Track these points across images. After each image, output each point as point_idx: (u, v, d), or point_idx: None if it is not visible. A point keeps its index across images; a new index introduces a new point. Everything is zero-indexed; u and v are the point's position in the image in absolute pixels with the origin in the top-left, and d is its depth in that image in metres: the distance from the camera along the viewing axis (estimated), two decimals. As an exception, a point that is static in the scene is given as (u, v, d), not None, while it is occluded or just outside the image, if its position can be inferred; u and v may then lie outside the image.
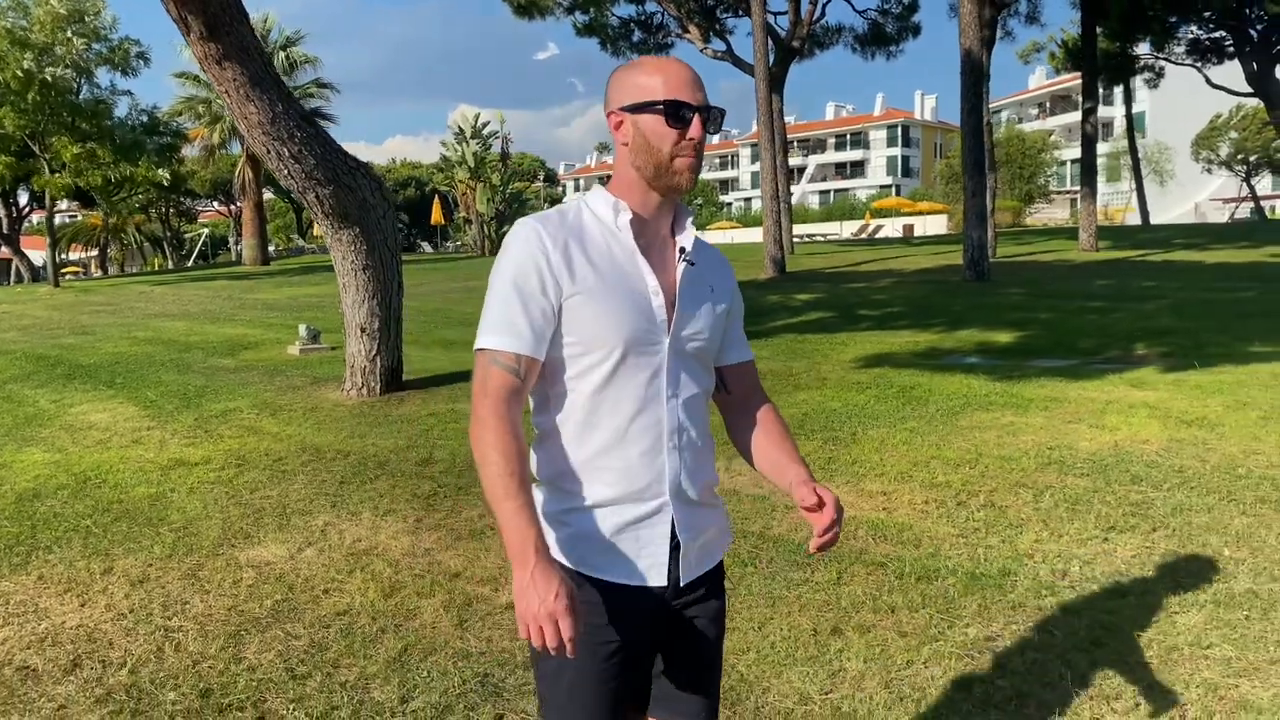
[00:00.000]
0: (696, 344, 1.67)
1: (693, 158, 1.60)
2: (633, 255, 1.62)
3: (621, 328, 1.57)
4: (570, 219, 1.64)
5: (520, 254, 1.58)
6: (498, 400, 1.55)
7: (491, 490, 1.52)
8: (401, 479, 5.74)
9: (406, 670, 3.37)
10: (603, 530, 1.62)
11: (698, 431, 1.68)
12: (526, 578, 1.46)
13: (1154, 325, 10.29)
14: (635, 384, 1.60)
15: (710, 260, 1.75)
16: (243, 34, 7.00)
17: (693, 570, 1.69)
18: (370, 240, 7.83)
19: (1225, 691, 2.94)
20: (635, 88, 1.60)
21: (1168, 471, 5.08)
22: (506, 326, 1.56)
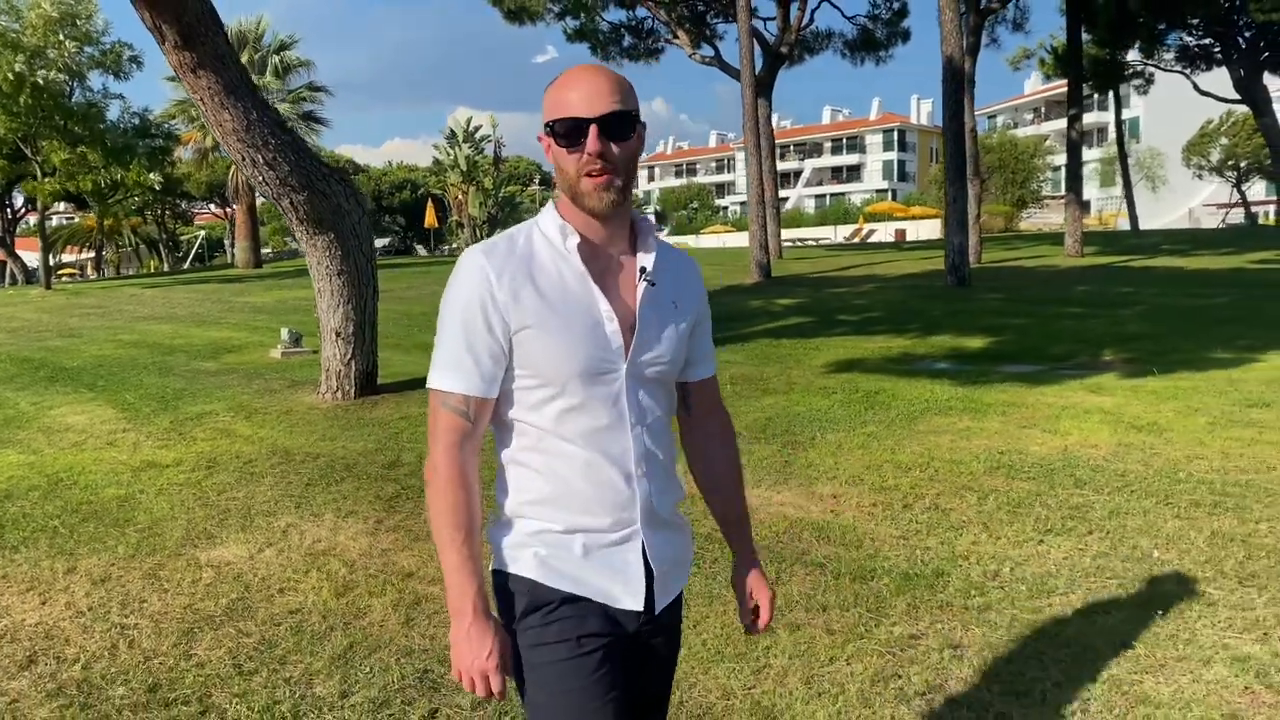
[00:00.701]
0: (657, 368, 1.62)
1: (602, 176, 1.51)
2: (583, 279, 1.56)
3: (574, 359, 1.53)
4: (520, 245, 1.58)
5: (465, 291, 1.54)
6: (449, 446, 1.55)
7: (438, 539, 1.54)
8: (366, 481, 5.84)
9: (350, 666, 3.47)
10: (571, 554, 1.59)
11: (664, 454, 1.65)
12: (462, 632, 1.52)
13: (1124, 331, 10.42)
14: (596, 414, 1.56)
15: (676, 271, 1.69)
16: (217, 43, 7.11)
17: (665, 595, 1.67)
18: (345, 246, 7.94)
19: (1129, 687, 3.05)
20: (547, 105, 1.55)
21: (1111, 476, 5.20)
22: (456, 365, 1.54)
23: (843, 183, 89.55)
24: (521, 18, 23.46)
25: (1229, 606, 3.59)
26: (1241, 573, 3.90)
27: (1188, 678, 3.09)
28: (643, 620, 1.64)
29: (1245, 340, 9.35)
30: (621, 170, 1.53)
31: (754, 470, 5.51)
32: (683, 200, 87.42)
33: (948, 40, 15.71)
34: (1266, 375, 7.62)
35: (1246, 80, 28.85)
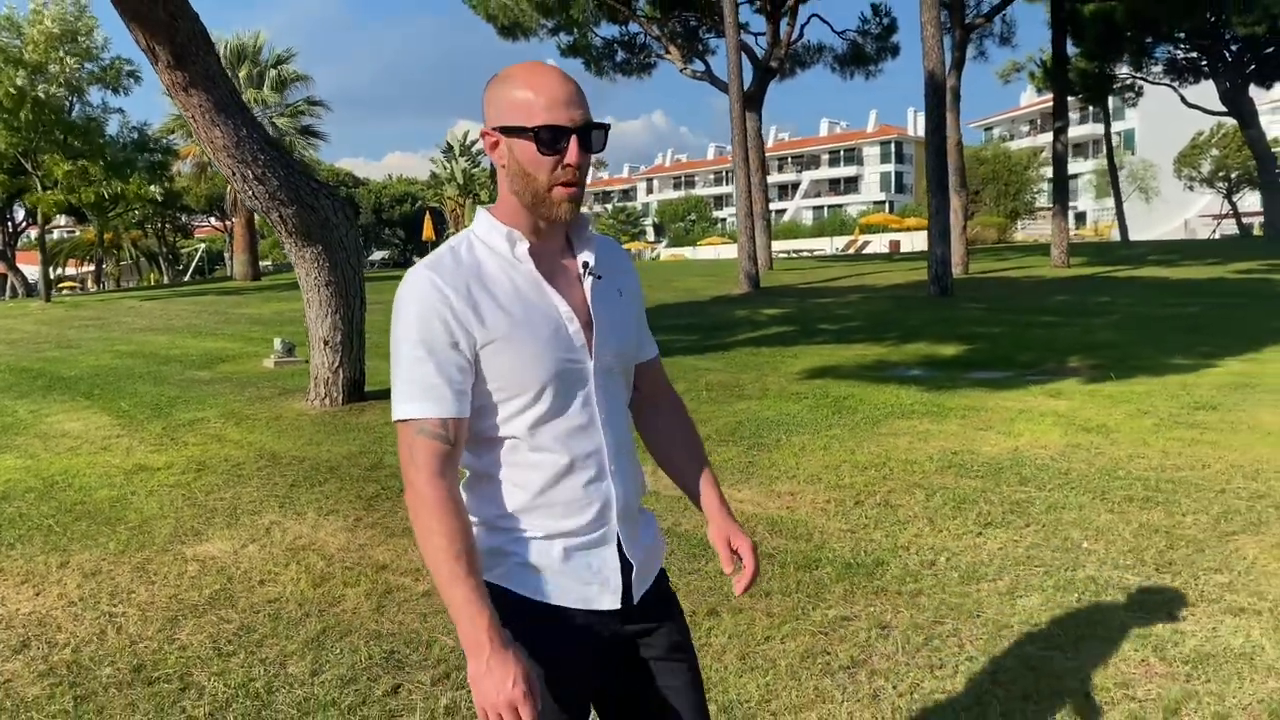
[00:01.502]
0: (619, 360, 1.62)
1: (574, 187, 1.50)
2: (538, 285, 1.53)
3: (543, 366, 1.50)
4: (464, 258, 1.52)
5: (421, 310, 1.47)
6: (432, 473, 1.46)
7: (437, 573, 1.45)
8: (349, 482, 6.10)
9: (322, 648, 3.72)
10: (552, 559, 1.56)
11: (629, 446, 1.64)
12: (482, 667, 1.42)
13: (1094, 339, 10.70)
14: (567, 416, 1.53)
15: (610, 260, 1.67)
16: (208, 63, 7.40)
17: (642, 585, 1.65)
18: (333, 257, 8.22)
19: (1037, 662, 3.30)
20: (509, 105, 1.49)
21: (1054, 473, 5.46)
22: (425, 391, 1.47)
23: (840, 194, 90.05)
24: (515, 34, 23.83)
25: (1142, 590, 3.85)
26: (1160, 561, 4.15)
27: (1092, 653, 3.35)
28: (621, 617, 1.61)
29: (1207, 347, 9.63)
30: (583, 182, 1.53)
31: (719, 470, 5.76)
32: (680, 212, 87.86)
33: (929, 55, 16.04)
34: (1219, 380, 7.90)
35: (1233, 92, 29.26)
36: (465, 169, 35.07)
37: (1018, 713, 2.98)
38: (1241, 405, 6.90)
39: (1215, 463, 5.52)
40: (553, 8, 22.55)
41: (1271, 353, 9.21)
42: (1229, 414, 6.66)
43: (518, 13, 22.84)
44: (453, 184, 35.02)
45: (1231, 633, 3.45)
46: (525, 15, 23.03)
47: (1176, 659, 3.27)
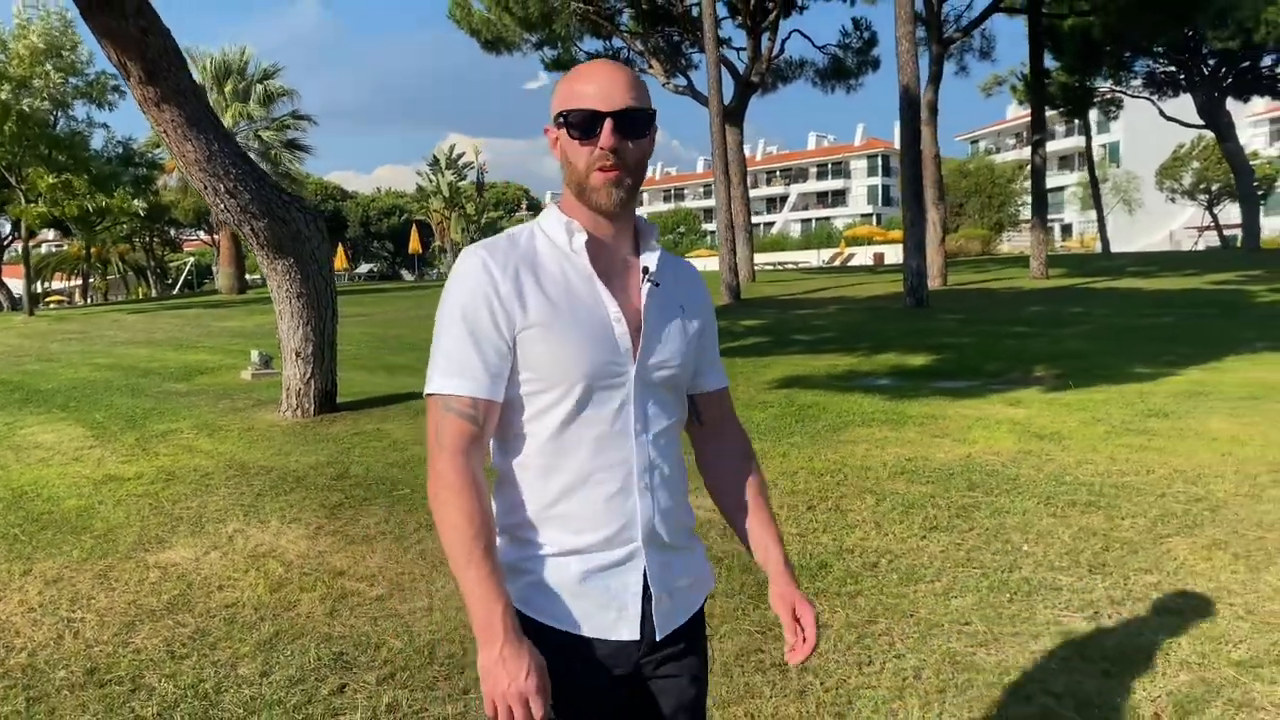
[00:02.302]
0: (666, 372, 1.54)
1: (613, 171, 1.46)
2: (590, 280, 1.50)
3: (581, 361, 1.45)
4: (521, 244, 1.52)
5: (468, 287, 1.46)
6: (455, 453, 1.43)
7: (453, 556, 1.41)
8: (314, 491, 6.18)
9: (273, 651, 3.81)
10: (568, 579, 1.49)
11: (671, 469, 1.56)
12: (495, 655, 1.36)
13: (1062, 349, 10.86)
14: (599, 420, 1.48)
15: (681, 276, 1.63)
16: (180, 78, 7.50)
17: (668, 622, 1.56)
18: (304, 270, 8.31)
19: (961, 658, 3.41)
20: (560, 98, 1.49)
21: (1003, 479, 5.58)
22: (459, 368, 1.44)
23: (828, 207, 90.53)
24: (499, 48, 24.02)
25: (1072, 591, 3.97)
26: (1094, 562, 4.27)
27: (1015, 649, 3.46)
28: (642, 651, 1.54)
29: (1170, 356, 9.79)
30: (632, 169, 1.49)
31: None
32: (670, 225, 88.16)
33: (904, 70, 16.25)
34: (1175, 388, 8.04)
35: (1210, 106, 29.60)
36: (451, 182, 35.21)
37: (935, 705, 3.09)
38: (1193, 413, 7.05)
39: (1159, 468, 5.65)
40: (535, 23, 22.74)
41: (1232, 362, 9.38)
42: (1179, 421, 6.80)
43: (500, 28, 23.03)
44: (438, 197, 35.15)
45: (1153, 630, 3.57)
46: (508, 30, 23.21)
47: (1096, 655, 3.38)
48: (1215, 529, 4.61)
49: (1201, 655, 3.34)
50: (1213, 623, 3.60)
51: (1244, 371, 8.77)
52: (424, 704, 3.32)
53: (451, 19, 23.88)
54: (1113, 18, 21.35)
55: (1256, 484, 5.26)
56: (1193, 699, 3.05)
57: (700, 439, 1.76)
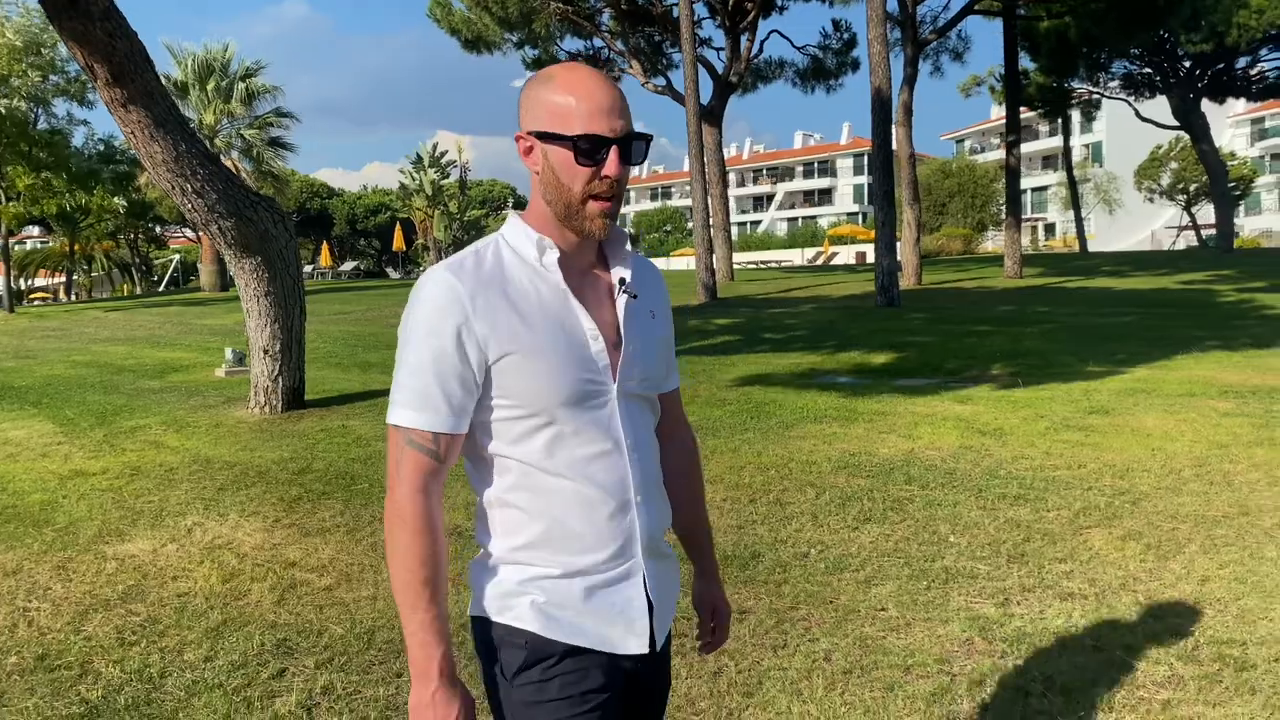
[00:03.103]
0: (645, 384, 1.54)
1: (609, 202, 1.42)
2: (564, 298, 1.45)
3: (561, 384, 1.41)
4: (488, 263, 1.45)
5: (434, 315, 1.39)
6: (414, 490, 1.41)
7: (401, 595, 1.40)
8: (274, 486, 6.32)
9: (220, 637, 3.96)
10: (573, 598, 1.47)
11: (657, 476, 1.57)
12: (426, 697, 1.38)
13: (1021, 348, 11.07)
14: (588, 441, 1.45)
15: (647, 282, 1.60)
16: (147, 80, 7.62)
17: (663, 628, 1.58)
18: (272, 269, 8.45)
19: (872, 641, 3.59)
20: (547, 110, 1.40)
21: (940, 473, 5.77)
22: (421, 401, 1.40)
23: (815, 206, 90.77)
24: (479, 47, 24.13)
25: (987, 579, 4.15)
26: (1013, 552, 4.46)
27: (923, 634, 3.64)
28: (644, 661, 1.55)
29: (1121, 355, 10.02)
30: (621, 196, 1.45)
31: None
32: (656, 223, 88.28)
33: (876, 72, 16.46)
34: (1120, 386, 8.26)
35: (1185, 107, 29.92)
36: (434, 180, 35.31)
37: (839, 685, 3.26)
38: (1132, 410, 7.26)
39: (1090, 463, 5.85)
40: (515, 22, 22.86)
41: (1181, 360, 9.61)
42: (1118, 418, 7.01)
43: (481, 27, 23.15)
44: (421, 195, 35.24)
45: (1055, 615, 3.75)
46: (489, 30, 23.33)
47: (998, 638, 3.56)
48: (1133, 521, 4.80)
49: (1096, 638, 3.53)
50: (1112, 608, 3.79)
51: (1188, 370, 9.00)
52: (359, 686, 3.47)
53: (431, 18, 23.99)
54: (1086, 20, 21.60)
55: (1180, 478, 5.47)
56: (1080, 679, 3.23)
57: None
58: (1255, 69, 31.03)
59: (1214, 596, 3.86)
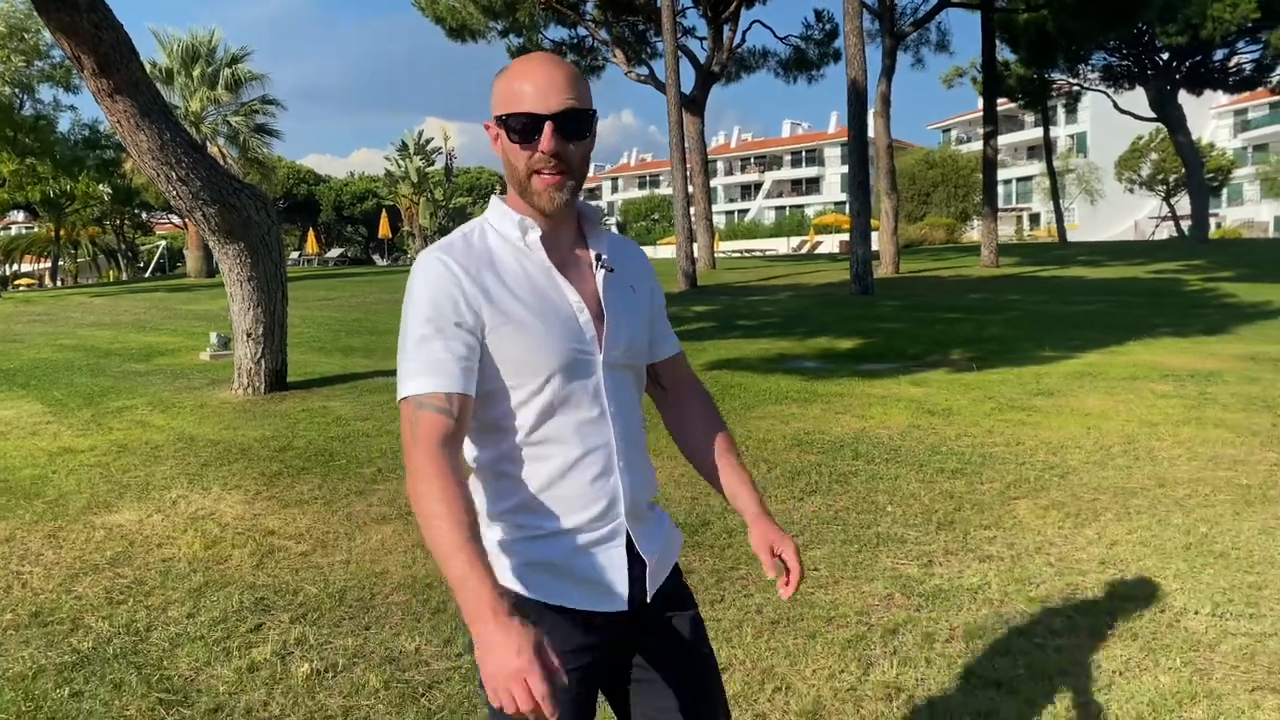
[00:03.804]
0: (629, 354, 1.61)
1: (555, 175, 1.49)
2: (549, 273, 1.53)
3: (552, 354, 1.49)
4: (476, 244, 1.54)
5: (431, 289, 1.47)
6: (431, 445, 1.42)
7: (437, 545, 1.38)
8: (256, 462, 6.62)
9: (202, 596, 4.26)
10: (558, 557, 1.54)
11: (640, 443, 1.64)
12: (486, 637, 1.33)
13: (984, 334, 11.43)
14: (576, 408, 1.53)
15: (625, 257, 1.67)
16: (133, 70, 7.87)
17: (653, 585, 1.63)
18: (255, 254, 8.72)
19: (801, 597, 3.91)
20: (498, 96, 1.51)
21: (887, 450, 6.11)
22: (431, 367, 1.45)
23: (802, 195, 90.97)
24: (463, 36, 24.29)
25: (914, 543, 4.49)
26: (943, 520, 4.79)
27: (849, 590, 3.97)
28: (632, 616, 1.60)
29: (1077, 341, 10.39)
30: (574, 170, 1.50)
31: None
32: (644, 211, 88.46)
33: (852, 63, 16.76)
34: (1070, 370, 8.62)
35: (1161, 99, 30.31)
36: (419, 167, 35.47)
37: (766, 634, 3.59)
38: (1076, 392, 7.62)
39: (1028, 440, 6.20)
40: (499, 11, 23.05)
41: (1132, 346, 9.98)
42: (1061, 399, 7.37)
43: (465, 15, 23.33)
44: (406, 182, 35.41)
45: (972, 574, 4.09)
46: (472, 18, 23.51)
47: (916, 594, 3.90)
48: (1059, 492, 5.14)
49: (1004, 594, 3.87)
50: (1024, 568, 4.13)
51: (1137, 355, 9.37)
52: (329, 638, 3.79)
53: (416, 6, 24.12)
54: (1061, 14, 21.93)
55: (1108, 453, 5.82)
56: (983, 628, 3.57)
57: (665, 403, 1.83)
58: (1232, 61, 31.45)
59: (1118, 558, 4.21)
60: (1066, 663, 3.27)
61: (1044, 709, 2.98)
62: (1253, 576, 3.92)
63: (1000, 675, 3.20)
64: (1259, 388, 7.48)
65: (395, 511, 5.36)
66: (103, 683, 3.45)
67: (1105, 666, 3.24)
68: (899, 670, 3.27)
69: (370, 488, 5.86)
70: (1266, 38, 28.23)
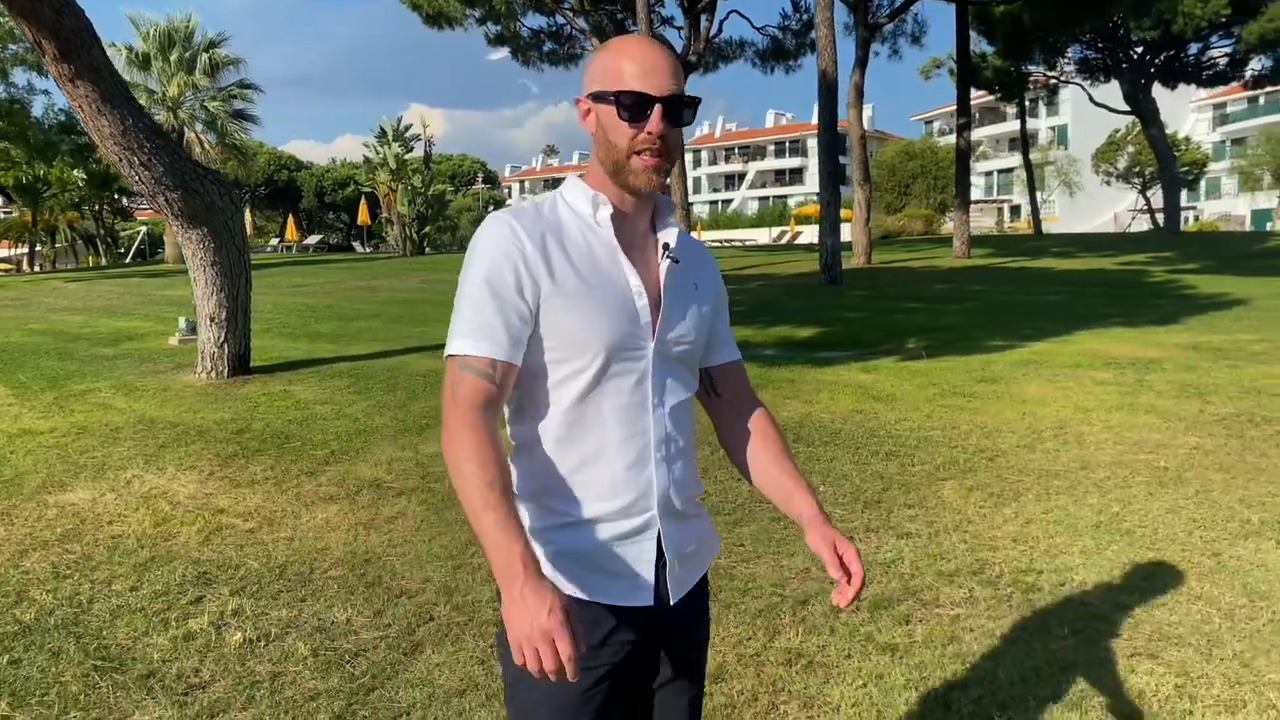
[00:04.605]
0: (683, 347, 1.59)
1: (656, 158, 1.49)
2: (614, 253, 1.53)
3: (604, 332, 1.49)
4: (546, 213, 1.55)
5: (493, 251, 1.48)
6: (469, 408, 1.44)
7: (469, 501, 1.39)
8: (213, 443, 6.73)
9: (146, 571, 4.39)
10: (587, 548, 1.54)
11: (685, 441, 1.62)
12: (515, 595, 1.32)
13: (940, 324, 11.64)
14: (619, 392, 1.52)
15: (694, 256, 1.66)
16: (94, 55, 7.92)
17: (681, 586, 1.62)
18: (218, 239, 8.80)
19: (724, 570, 4.07)
20: (600, 71, 1.51)
21: (827, 433, 6.28)
22: (480, 330, 1.46)
23: (786, 185, 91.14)
24: (440, 23, 24.29)
25: (839, 520, 4.65)
26: (870, 499, 4.97)
27: (768, 564, 4.13)
28: (656, 616, 1.59)
29: (1029, 330, 10.60)
30: (671, 155, 1.51)
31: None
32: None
33: (823, 55, 16.91)
34: (1016, 358, 8.82)
35: (1135, 92, 30.60)
36: (397, 154, 35.43)
37: (682, 604, 3.75)
38: (1018, 379, 7.81)
39: (964, 425, 6.38)
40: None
41: (1081, 335, 10.20)
42: (1002, 386, 7.56)
43: (441, 2, 23.32)
44: (385, 169, 35.38)
45: (889, 550, 4.26)
46: (449, 5, 23.50)
47: (832, 568, 4.06)
48: (985, 474, 5.33)
49: (915, 567, 4.04)
50: (939, 545, 4.30)
51: (1084, 344, 9.58)
52: (265, 609, 3.92)
53: (393, -7, 24.09)
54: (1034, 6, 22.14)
55: (1039, 437, 6.01)
56: (890, 598, 3.74)
57: (719, 411, 1.80)
58: (1206, 55, 31.77)
59: (1030, 535, 4.39)
60: (960, 631, 3.45)
61: (932, 673, 3.16)
62: (1152, 553, 4.11)
63: (896, 642, 3.38)
64: (1194, 375, 7.70)
65: (343, 491, 5.50)
66: (42, 651, 3.58)
67: (997, 634, 3.41)
68: (803, 638, 3.44)
69: (321, 469, 5.99)
70: (1239, 33, 28.53)
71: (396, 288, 20.33)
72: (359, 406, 7.67)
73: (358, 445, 6.51)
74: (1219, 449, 5.60)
